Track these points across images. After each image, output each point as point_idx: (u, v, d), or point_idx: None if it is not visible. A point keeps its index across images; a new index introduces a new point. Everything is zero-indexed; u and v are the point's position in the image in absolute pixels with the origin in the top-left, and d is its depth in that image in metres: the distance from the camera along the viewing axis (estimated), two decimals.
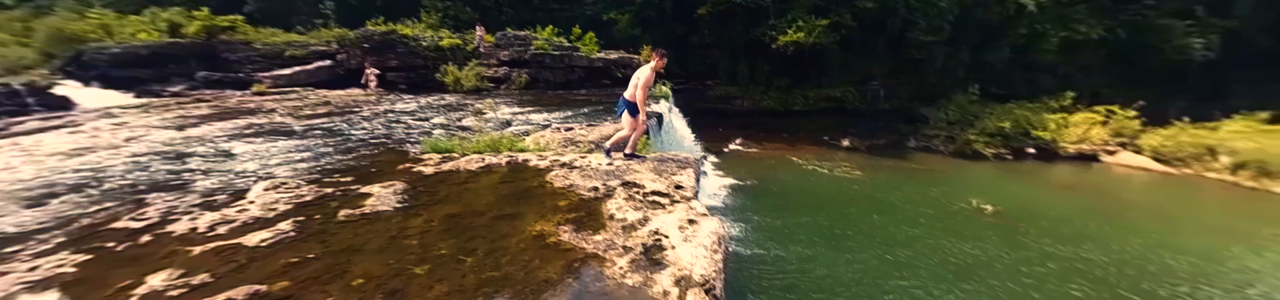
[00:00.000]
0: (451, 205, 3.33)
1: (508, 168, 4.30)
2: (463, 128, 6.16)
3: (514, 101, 8.57)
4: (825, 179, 7.21)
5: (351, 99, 8.35)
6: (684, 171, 3.76)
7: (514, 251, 2.60)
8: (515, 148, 4.98)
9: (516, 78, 10.68)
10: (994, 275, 4.19)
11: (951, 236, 5.12)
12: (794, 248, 4.67)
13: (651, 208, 3.04)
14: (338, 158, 4.63)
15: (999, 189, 6.92)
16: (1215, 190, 7.22)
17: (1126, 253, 4.82)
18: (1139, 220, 5.87)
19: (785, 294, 3.85)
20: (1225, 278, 4.32)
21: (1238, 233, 5.51)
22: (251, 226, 3.01)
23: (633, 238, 2.62)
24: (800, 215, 5.59)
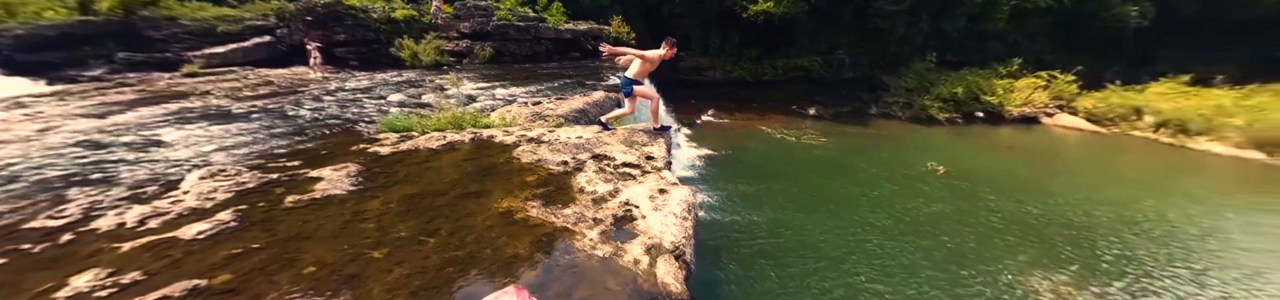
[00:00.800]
0: (411, 185, 3.12)
1: (472, 145, 3.98)
2: (422, 105, 5.74)
3: (478, 76, 7.86)
4: (793, 147, 7.53)
5: (296, 78, 7.46)
6: (655, 142, 3.64)
7: (479, 229, 2.45)
8: (479, 124, 4.67)
9: (479, 51, 9.64)
10: (945, 230, 4.55)
11: (908, 196, 5.48)
12: (765, 213, 4.89)
13: (622, 179, 2.93)
14: (283, 141, 4.25)
15: (950, 151, 7.40)
16: (1139, 147, 7.83)
17: (1060, 205, 5.28)
18: (1072, 176, 6.40)
19: (758, 257, 4.04)
20: (1141, 225, 4.85)
21: (1155, 185, 6.10)
22: (186, 218, 2.70)
23: (603, 209, 2.55)
24: (771, 182, 5.81)
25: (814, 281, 3.60)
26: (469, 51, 9.42)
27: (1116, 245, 4.38)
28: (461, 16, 9.55)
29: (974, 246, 4.22)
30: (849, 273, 3.71)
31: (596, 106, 5.30)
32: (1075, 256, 4.12)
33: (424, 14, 9.43)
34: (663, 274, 1.94)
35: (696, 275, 2.65)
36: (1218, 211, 5.26)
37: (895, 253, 4.05)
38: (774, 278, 3.67)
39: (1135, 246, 4.36)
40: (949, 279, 3.66)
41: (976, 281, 3.61)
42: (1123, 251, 4.25)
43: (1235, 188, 6.06)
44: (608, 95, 5.82)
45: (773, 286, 3.56)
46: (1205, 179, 6.42)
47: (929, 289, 3.48)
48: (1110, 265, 4.00)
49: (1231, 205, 5.43)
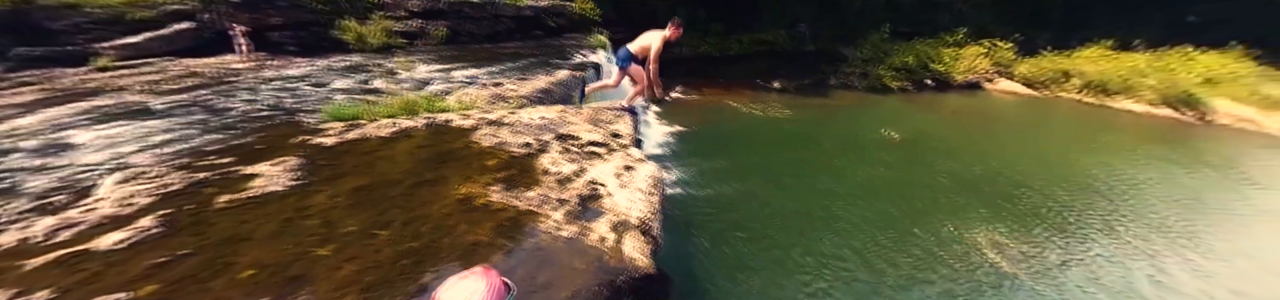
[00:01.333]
0: (360, 177, 2.86)
1: (427, 131, 3.67)
2: (371, 91, 5.30)
3: (432, 58, 7.20)
4: (759, 120, 7.69)
5: (226, 67, 6.68)
6: (621, 120, 3.56)
7: (437, 218, 2.30)
8: (435, 108, 4.34)
9: (433, 31, 8.78)
10: (899, 193, 4.86)
11: (866, 163, 5.74)
12: (735, 185, 5.00)
13: (588, 158, 2.82)
14: (213, 137, 3.83)
15: (903, 118, 7.79)
16: (1067, 108, 8.49)
17: (998, 164, 5.69)
18: (1009, 137, 6.94)
19: (730, 229, 4.16)
20: (1068, 179, 5.31)
21: (1080, 142, 6.69)
22: (103, 228, 2.42)
23: (568, 190, 2.49)
24: (739, 155, 5.95)
25: (780, 249, 3.80)
26: (421, 32, 8.61)
27: (1047, 199, 4.79)
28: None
29: (924, 207, 4.54)
30: (812, 238, 3.93)
31: (561, 86, 5.08)
32: (1011, 211, 4.51)
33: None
34: (629, 250, 1.92)
35: (669, 250, 2.67)
36: (1134, 164, 5.85)
37: (855, 217, 4.29)
38: (743, 247, 3.83)
39: (1063, 199, 4.78)
40: (901, 238, 3.93)
41: (926, 239, 3.91)
42: (1052, 204, 4.66)
43: (1148, 142, 6.78)
44: (573, 74, 5.58)
45: (741, 255, 3.73)
46: (1123, 135, 7.09)
47: (882, 249, 3.76)
48: (1041, 218, 4.39)
49: (1145, 157, 6.07)
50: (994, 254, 3.69)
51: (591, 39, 8.91)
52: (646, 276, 1.80)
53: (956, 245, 3.83)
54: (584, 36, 9.22)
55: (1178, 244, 3.95)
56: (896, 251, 3.72)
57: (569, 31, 10.40)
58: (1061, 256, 3.70)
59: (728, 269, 3.46)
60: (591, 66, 6.20)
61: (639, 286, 1.77)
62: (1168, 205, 4.73)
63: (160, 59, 7.25)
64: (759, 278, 3.41)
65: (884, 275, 3.45)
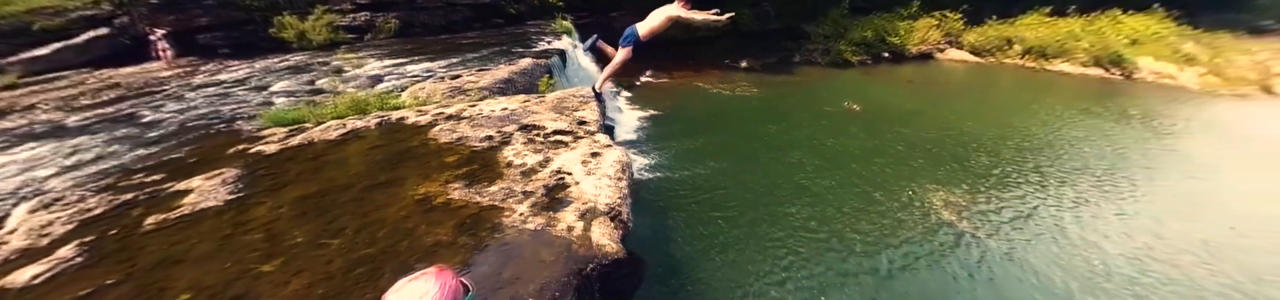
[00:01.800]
0: (306, 185, 2.86)
1: (379, 130, 3.62)
2: (316, 92, 5.30)
3: (384, 53, 7.15)
4: (728, 99, 8.22)
5: (152, 76, 6.59)
6: (586, 106, 3.65)
7: (393, 222, 2.33)
8: (388, 106, 4.31)
9: (383, 24, 8.68)
10: (861, 161, 5.46)
11: (829, 135, 6.39)
12: (709, 165, 5.40)
13: (553, 148, 2.87)
14: (140, 153, 3.82)
15: (862, 90, 8.66)
16: (1010, 72, 9.68)
17: (950, 129, 6.49)
18: (958, 102, 7.88)
19: (704, 209, 4.36)
20: (1012, 139, 6.14)
21: (1021, 103, 7.72)
22: (15, 263, 2.43)
23: (533, 181, 2.57)
24: (711, 135, 6.24)
25: (752, 225, 4.18)
26: (370, 26, 8.50)
27: (993, 158, 5.60)
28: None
29: (883, 173, 5.17)
30: (782, 212, 4.35)
31: (524, 75, 5.05)
32: (962, 172, 5.20)
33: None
34: (598, 236, 2.04)
35: (645, 233, 3.14)
36: (1068, 121, 6.84)
37: (821, 188, 4.81)
38: (717, 225, 4.18)
39: (1007, 157, 5.61)
40: (865, 205, 4.46)
41: (888, 204, 4.46)
42: (998, 163, 5.44)
43: (1081, 100, 7.88)
44: (536, 63, 5.55)
45: (716, 234, 3.92)
46: (1059, 95, 8.22)
47: (847, 217, 4.25)
48: (988, 176, 5.11)
49: (1079, 114, 7.14)
50: (949, 214, 4.33)
51: (554, 25, 8.77)
52: (615, 262, 1.90)
53: (915, 208, 4.41)
54: (547, 23, 9.09)
55: (1106, 192, 4.80)
56: (861, 219, 4.27)
57: (531, 18, 10.42)
58: (1008, 211, 4.39)
59: (703, 248, 3.83)
60: (556, 53, 6.24)
61: (608, 272, 1.88)
62: (1097, 157, 5.70)
63: (75, 71, 7.13)
64: (733, 255, 3.78)
65: (851, 243, 3.92)
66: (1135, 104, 7.80)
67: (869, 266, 3.59)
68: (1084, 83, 9.00)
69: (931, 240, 3.91)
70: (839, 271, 3.57)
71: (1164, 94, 8.45)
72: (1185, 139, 6.33)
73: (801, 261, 3.64)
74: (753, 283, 3.49)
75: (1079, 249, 3.81)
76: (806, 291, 3.40)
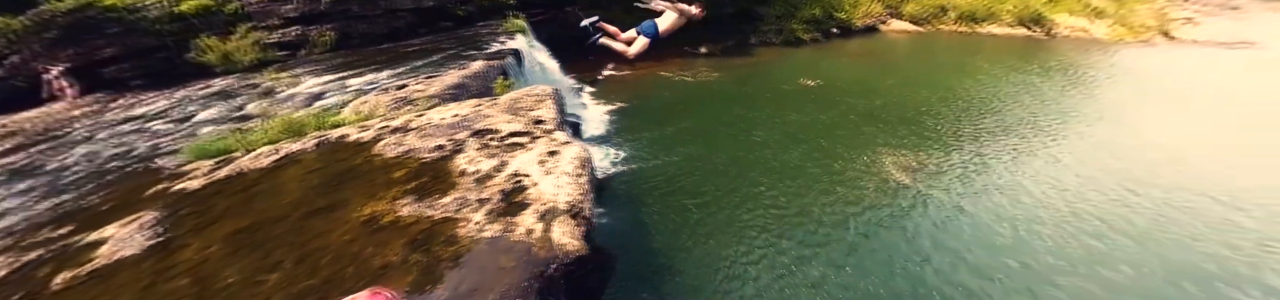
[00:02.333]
0: (236, 219, 3.04)
1: (317, 152, 3.86)
2: (247, 117, 5.58)
3: (322, 69, 7.65)
4: (691, 86, 9.67)
5: (55, 118, 7.06)
6: (542, 104, 4.03)
7: (336, 248, 2.49)
8: (327, 124, 4.54)
9: (318, 38, 9.32)
10: (820, 133, 6.73)
11: (787, 111, 7.72)
12: (678, 152, 6.38)
13: (509, 151, 3.15)
14: (47, 204, 4.01)
15: (815, 66, 10.49)
16: (947, 38, 12.07)
17: (896, 95, 8.14)
18: (902, 70, 9.81)
19: (676, 195, 5.28)
20: (952, 100, 7.86)
21: (958, 67, 9.79)
22: None
23: (489, 187, 2.82)
24: (677, 122, 7.56)
25: (724, 207, 4.99)
26: (304, 40, 9.06)
27: (936, 119, 7.04)
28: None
29: (840, 143, 6.39)
30: (751, 192, 5.26)
31: (477, 79, 5.36)
32: (909, 135, 6.54)
33: (227, 1, 9.07)
34: (559, 236, 2.30)
35: (622, 224, 4.20)
36: (999, 79, 8.82)
37: (785, 164, 5.84)
38: (690, 211, 4.97)
39: (948, 117, 7.11)
40: (826, 175, 5.56)
41: (846, 172, 5.62)
42: (941, 123, 6.89)
43: (1009, 59, 9.99)
44: (489, 64, 5.96)
45: (689, 219, 4.81)
46: (990, 55, 10.41)
47: (810, 189, 5.25)
48: (933, 137, 6.47)
49: (1007, 72, 9.20)
50: (902, 175, 5.48)
51: (507, 24, 9.46)
52: (578, 259, 2.17)
53: (872, 173, 5.54)
54: (499, 23, 9.72)
55: (1034, 141, 6.31)
56: (824, 189, 5.28)
57: (482, 19, 11.02)
58: (952, 167, 5.66)
59: (678, 235, 4.52)
60: (510, 53, 6.76)
61: (572, 271, 2.15)
62: (1026, 109, 7.37)
63: None
64: (708, 239, 4.47)
65: (818, 215, 4.82)
66: (1055, 58, 9.96)
67: (836, 236, 4.48)
68: (1011, 42, 11.47)
69: (889, 202, 5.03)
70: (810, 244, 4.39)
71: (1079, 46, 10.82)
72: (1099, 86, 8.41)
73: (774, 238, 4.45)
74: (729, 265, 4.16)
75: (1015, 194, 5.17)
76: (781, 268, 4.09)
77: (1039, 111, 7.37)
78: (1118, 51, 10.38)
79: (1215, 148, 6.32)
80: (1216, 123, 7.04)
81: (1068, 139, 6.46)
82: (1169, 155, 6.01)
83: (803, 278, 4.02)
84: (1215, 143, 6.49)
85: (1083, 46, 10.79)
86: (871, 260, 4.20)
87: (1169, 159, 5.92)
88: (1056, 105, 7.59)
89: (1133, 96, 7.97)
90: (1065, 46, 10.92)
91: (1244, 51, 10.37)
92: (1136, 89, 8.31)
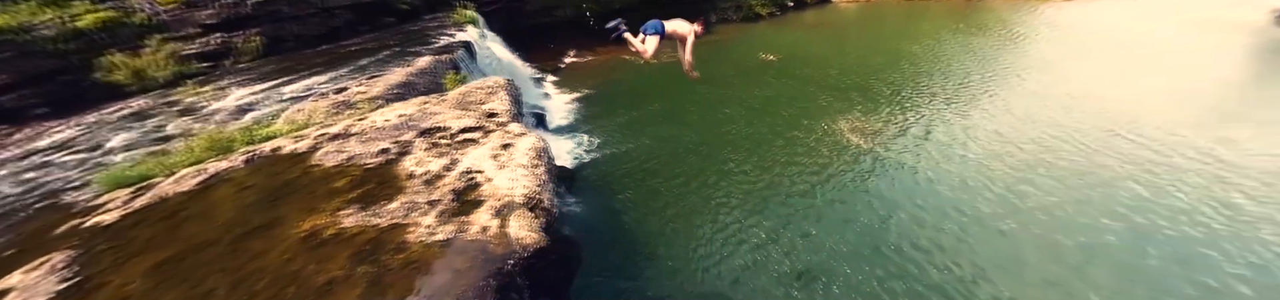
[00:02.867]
0: (159, 250, 3.14)
1: (249, 168, 4.03)
2: (167, 138, 5.76)
3: (251, 78, 8.00)
4: (655, 69, 10.93)
5: None
6: (494, 97, 4.39)
7: (274, 269, 2.61)
8: (258, 138, 4.74)
9: (245, 44, 9.70)
10: (782, 106, 8.30)
11: (750, 86, 9.43)
12: (647, 134, 7.67)
13: (460, 148, 3.40)
14: None
15: (774, 40, 12.67)
16: (893, 6, 15.18)
17: (849, 63, 10.24)
18: (855, 39, 12.37)
19: (648, 177, 6.40)
20: (900, 64, 9.87)
21: (903, 31, 12.43)
22: None
23: (438, 188, 3.04)
24: (643, 106, 8.86)
25: (695, 185, 6.13)
26: (228, 48, 9.36)
27: (886, 84, 8.94)
28: (196, 2, 9.70)
29: (802, 113, 8.00)
30: (720, 169, 6.47)
31: (425, 75, 5.59)
32: (864, 101, 8.26)
33: (134, 11, 9.51)
34: (516, 230, 2.58)
35: (595, 212, 5.35)
36: (941, 41, 11.12)
37: (750, 137, 7.18)
38: (662, 192, 6.01)
39: (897, 81, 8.99)
40: (788, 145, 6.91)
41: (806, 141, 7.03)
42: (892, 88, 8.77)
43: (948, 21, 12.70)
44: (437, 59, 6.29)
45: (663, 200, 5.84)
46: (933, 20, 13.22)
47: (774, 161, 6.57)
48: (885, 101, 8.21)
49: (948, 33, 11.60)
50: (859, 139, 6.96)
51: (455, 16, 10.11)
52: (539, 251, 2.43)
53: (831, 140, 7.00)
54: (447, 14, 10.43)
55: (976, 98, 8.18)
56: (789, 159, 6.62)
57: (428, 12, 11.31)
58: (904, 128, 7.26)
59: (651, 218, 5.54)
60: (460, 46, 7.17)
61: (533, 263, 2.42)
62: (968, 68, 9.45)
63: None
64: (681, 220, 5.50)
65: (785, 185, 6.10)
66: (991, 18, 12.89)
67: (805, 204, 5.70)
68: (952, 5, 14.66)
69: (849, 167, 6.42)
70: (781, 214, 5.52)
71: (1013, 6, 13.97)
72: (1027, 41, 10.93)
73: (745, 212, 5.57)
74: (704, 243, 5.11)
75: (959, 148, 6.68)
76: (755, 240, 5.16)
77: (976, 68, 9.56)
78: (1047, 9, 13.54)
79: (1119, 88, 8.53)
80: (1120, 65, 9.45)
81: (1002, 91, 8.65)
82: (1086, 99, 8.14)
83: (775, 248, 5.13)
84: (1119, 84, 8.67)
85: (1016, 6, 14.03)
86: (838, 224, 5.41)
87: (1086, 102, 8.01)
88: (995, 62, 9.83)
89: (1054, 48, 10.50)
90: (1000, 6, 14.26)
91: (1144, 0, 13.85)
92: (1057, 41, 10.94)
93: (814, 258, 4.99)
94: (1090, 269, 4.77)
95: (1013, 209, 5.65)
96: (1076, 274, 4.75)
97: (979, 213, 5.63)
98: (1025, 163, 6.50)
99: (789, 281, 4.84)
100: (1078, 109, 7.84)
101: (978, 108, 8.04)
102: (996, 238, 5.25)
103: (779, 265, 4.97)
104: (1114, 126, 7.35)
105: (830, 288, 4.77)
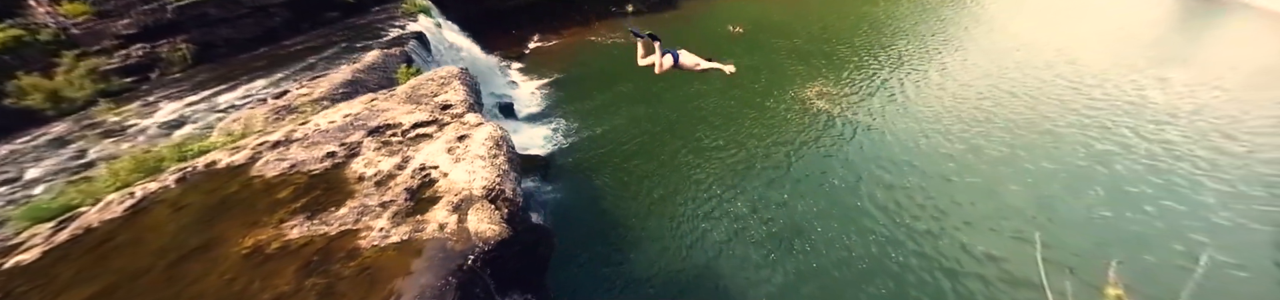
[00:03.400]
0: (85, 286, 3.25)
1: (181, 187, 4.18)
2: (92, 164, 6.03)
3: (183, 89, 8.34)
4: (623, 48, 11.46)
5: None
6: (447, 88, 4.75)
7: (214, 291, 2.79)
8: (191, 154, 4.92)
9: (172, 53, 10.06)
10: (750, 76, 10.12)
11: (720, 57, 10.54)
12: (620, 114, 9.00)
13: (413, 144, 3.73)
14: None
15: (740, 12, 14.70)
16: None
17: (815, 31, 12.91)
18: (818, 8, 14.85)
19: (624, 159, 7.65)
20: (861, 28, 13.40)
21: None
22: None
23: (391, 189, 3.31)
24: (614, 88, 10.19)
25: (673, 161, 7.55)
26: (154, 59, 9.63)
27: (850, 48, 11.91)
28: (111, 11, 9.91)
29: (770, 83, 10.03)
30: (699, 146, 7.93)
31: (374, 71, 5.84)
32: (829, 66, 11.04)
33: (41, 27, 9.97)
34: (476, 224, 2.88)
35: (570, 196, 6.88)
36: (898, 5, 14.83)
37: (721, 111, 8.75)
38: (639, 170, 7.41)
39: (859, 45, 12.11)
40: (759, 115, 8.68)
41: (776, 109, 8.99)
42: (854, 51, 11.87)
43: None
44: (387, 53, 6.66)
45: (640, 180, 7.16)
46: None
47: (745, 133, 8.16)
48: (849, 65, 11.02)
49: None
50: (824, 103, 9.11)
51: (406, 5, 10.69)
52: (502, 243, 2.71)
53: (798, 106, 8.99)
54: (396, 5, 10.99)
55: (933, 56, 11.30)
56: (759, 128, 8.44)
57: (376, 4, 11.59)
58: (866, 90, 9.99)
59: (628, 200, 6.88)
60: (412, 38, 7.57)
61: (498, 255, 2.73)
62: (925, 28, 13.19)
63: None
64: (659, 199, 6.91)
65: (757, 153, 7.82)
66: None
67: (778, 174, 7.36)
68: None
69: (819, 133, 8.38)
70: (757, 185, 7.13)
71: None
72: (986, 4, 14.91)
73: (722, 187, 7.19)
74: (685, 220, 6.45)
75: (919, 107, 8.89)
76: (734, 213, 6.55)
77: (931, 27, 12.01)
78: None
79: (1062, 39, 10.75)
80: (1061, 20, 11.96)
81: (955, 48, 11.17)
82: (1032, 51, 10.45)
83: (753, 218, 6.36)
84: (1061, 36, 10.97)
85: None
86: (811, 190, 6.87)
87: (1033, 54, 10.28)
88: (949, 22, 12.21)
89: (1008, 7, 13.52)
90: None
91: None
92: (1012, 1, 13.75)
93: (790, 223, 6.25)
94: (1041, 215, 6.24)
95: (967, 161, 7.22)
96: (1026, 218, 6.19)
97: (938, 168, 7.12)
98: (977, 117, 8.34)
99: (770, 247, 6.02)
100: (1025, 62, 10.11)
101: (933, 65, 10.53)
102: (954, 189, 6.67)
103: (758, 234, 6.17)
104: (1058, 77, 9.36)
105: (807, 248, 6.02)
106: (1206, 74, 9.69)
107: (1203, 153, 7.43)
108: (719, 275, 5.89)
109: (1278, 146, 7.52)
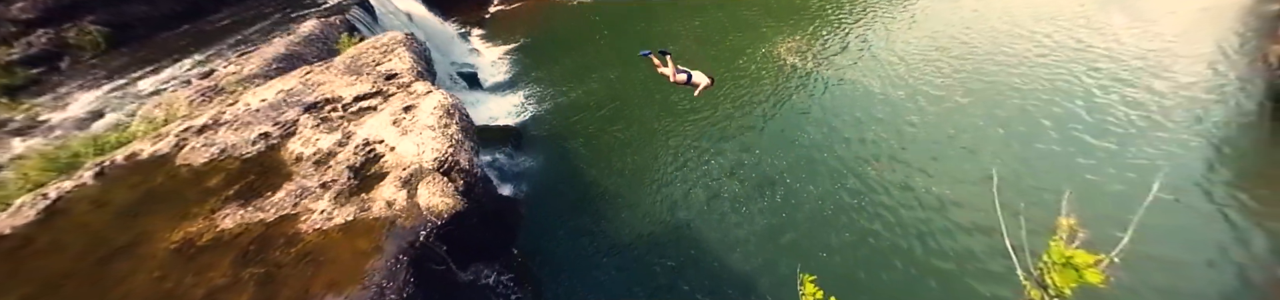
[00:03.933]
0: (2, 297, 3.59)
1: (100, 183, 4.38)
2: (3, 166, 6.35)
3: (100, 77, 8.60)
4: (589, 9, 14.09)
5: None
6: (391, 55, 5.02)
7: (143, 290, 2.99)
8: (108, 146, 5.14)
9: (79, 38, 10.30)
10: (723, 34, 12.38)
11: (690, 18, 12.94)
12: (593, 78, 10.59)
13: (355, 118, 3.97)
14: None
15: None
16: None
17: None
18: None
19: (599, 124, 9.02)
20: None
21: None
22: None
23: (333, 167, 3.55)
24: (583, 51, 11.87)
25: (646, 124, 8.95)
26: (62, 45, 9.87)
27: (819, 12, 13.62)
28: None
29: (746, 41, 12.08)
30: (674, 109, 9.42)
31: (312, 43, 6.16)
32: (800, 22, 13.07)
33: None
34: (427, 198, 3.19)
35: (546, 165, 8.96)
36: None
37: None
38: (615, 135, 8.81)
39: (827, 7, 13.74)
40: (732, 75, 10.51)
41: (751, 64, 11.21)
42: (826, 5, 13.79)
43: None
44: (326, 22, 6.96)
45: (615, 144, 8.54)
46: None
47: (719, 95, 9.75)
48: (819, 20, 13.06)
49: None
50: (794, 59, 11.34)
51: None
52: (457, 216, 3.04)
53: (769, 62, 11.18)
54: None
55: (897, 10, 13.16)
56: (732, 91, 10.09)
57: None
58: (834, 44, 12.03)
59: (603, 164, 8.31)
60: (355, 4, 7.94)
61: (453, 229, 3.03)
62: None
63: None
64: (637, 164, 8.19)
65: (729, 112, 9.64)
66: None
67: (752, 134, 8.78)
68: None
69: (790, 91, 10.10)
70: (731, 147, 8.48)
71: None
72: None
73: (697, 150, 8.50)
74: (664, 184, 7.73)
75: (882, 59, 10.82)
76: (711, 174, 7.88)
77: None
78: None
79: None
80: None
81: (920, 5, 12.42)
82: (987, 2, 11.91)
83: (731, 179, 7.71)
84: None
85: None
86: (784, 147, 8.26)
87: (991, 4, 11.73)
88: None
89: None
90: None
91: None
92: None
93: (765, 180, 7.55)
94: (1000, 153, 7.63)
95: (928, 109, 8.61)
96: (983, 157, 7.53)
97: (902, 119, 8.49)
98: (937, 67, 9.81)
99: (747, 205, 7.25)
100: (983, 11, 11.79)
101: (898, 18, 11.99)
102: (917, 136, 8.08)
103: (734, 193, 7.44)
104: (1014, 26, 10.82)
105: (779, 201, 7.28)
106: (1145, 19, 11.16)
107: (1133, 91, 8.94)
108: (698, 236, 6.99)
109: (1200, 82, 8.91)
